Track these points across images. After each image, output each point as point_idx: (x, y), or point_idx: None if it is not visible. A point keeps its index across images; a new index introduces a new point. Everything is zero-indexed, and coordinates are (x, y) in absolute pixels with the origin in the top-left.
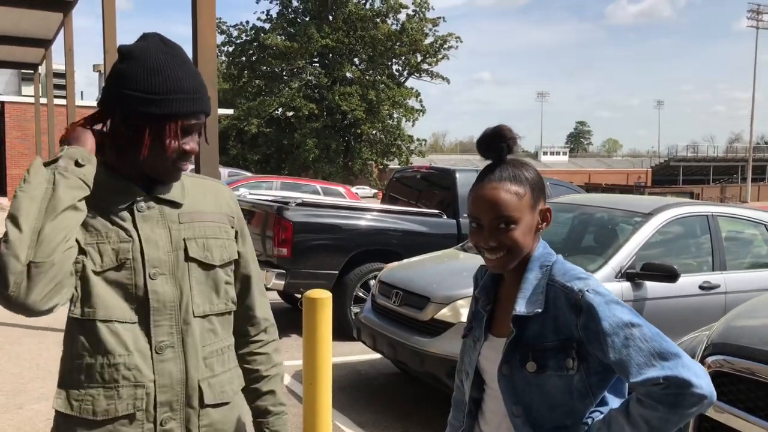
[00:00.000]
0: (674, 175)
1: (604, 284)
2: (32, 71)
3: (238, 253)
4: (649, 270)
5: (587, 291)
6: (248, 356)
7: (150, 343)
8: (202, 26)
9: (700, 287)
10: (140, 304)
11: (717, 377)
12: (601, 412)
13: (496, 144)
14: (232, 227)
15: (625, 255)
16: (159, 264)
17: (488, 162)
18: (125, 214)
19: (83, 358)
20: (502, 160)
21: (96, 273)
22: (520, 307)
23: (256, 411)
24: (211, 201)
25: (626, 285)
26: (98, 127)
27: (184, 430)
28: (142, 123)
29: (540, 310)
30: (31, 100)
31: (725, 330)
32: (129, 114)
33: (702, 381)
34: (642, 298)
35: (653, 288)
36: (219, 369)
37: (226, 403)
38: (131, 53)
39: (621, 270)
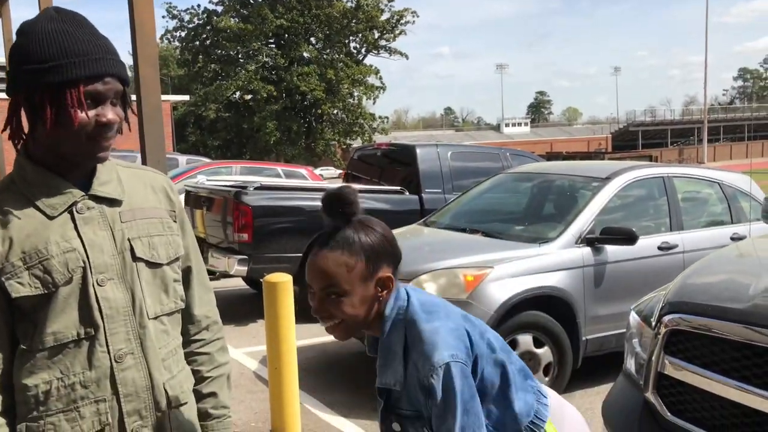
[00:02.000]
0: (633, 139)
1: (565, 250)
2: None
3: (183, 247)
4: (608, 234)
5: (433, 376)
6: (189, 356)
7: (108, 352)
8: (139, 6)
9: (659, 248)
10: (91, 314)
11: (673, 335)
12: None
13: (335, 208)
14: (174, 221)
15: (584, 220)
16: (106, 269)
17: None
18: (64, 218)
19: (36, 388)
20: (340, 225)
21: (47, 295)
22: (381, 378)
23: (198, 413)
24: (150, 195)
25: (587, 250)
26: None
27: None
28: (41, 97)
29: (397, 379)
30: None
31: (680, 288)
32: (31, 92)
33: None
34: (603, 262)
35: (613, 251)
36: (175, 369)
37: (185, 403)
38: (22, 29)
39: (581, 235)
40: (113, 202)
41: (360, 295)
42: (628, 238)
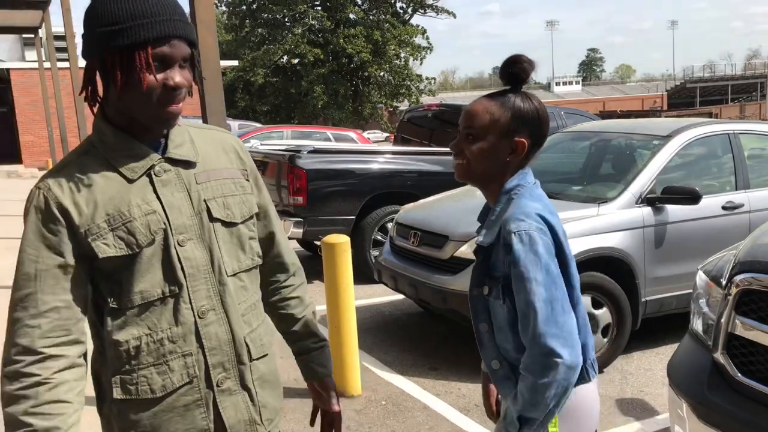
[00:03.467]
0: (691, 97)
1: (624, 210)
2: (33, 35)
3: (257, 205)
4: (670, 193)
5: (515, 234)
6: (281, 302)
7: (192, 309)
8: None
9: (723, 207)
10: (174, 273)
11: (745, 295)
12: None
13: (507, 71)
14: (247, 180)
15: (644, 180)
16: (185, 229)
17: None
18: (143, 181)
19: (128, 343)
20: (508, 87)
21: (131, 256)
22: (481, 238)
23: (297, 350)
24: (222, 155)
25: (647, 210)
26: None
27: (240, 386)
28: (111, 60)
29: (489, 242)
30: (35, 65)
31: (752, 248)
32: (103, 55)
33: (566, 350)
34: (664, 222)
35: (675, 211)
36: (255, 323)
37: (266, 355)
38: None
39: (641, 195)
40: (188, 164)
41: (492, 144)
42: (691, 197)
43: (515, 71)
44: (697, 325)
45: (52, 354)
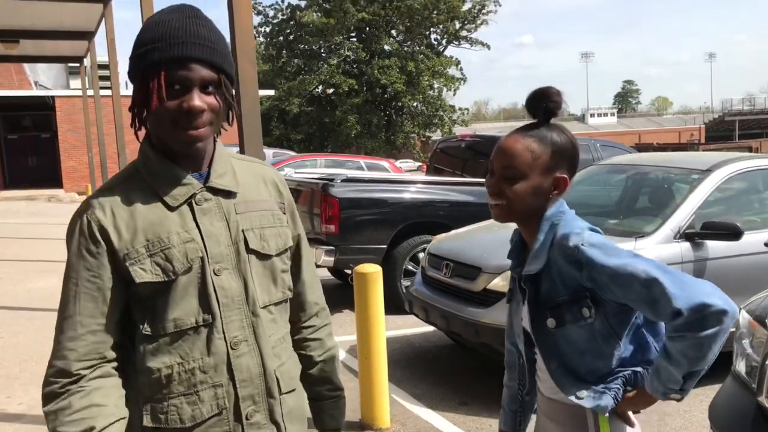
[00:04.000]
0: (729, 130)
1: (662, 245)
2: (78, 64)
3: (292, 238)
4: (709, 229)
5: (582, 245)
6: (301, 342)
7: (225, 339)
8: (237, 4)
9: (766, 244)
10: (209, 302)
11: None
12: (646, 362)
13: (537, 104)
14: (284, 213)
15: (683, 214)
16: (221, 259)
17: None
18: (184, 209)
19: (159, 372)
20: (539, 121)
21: (167, 283)
22: (528, 266)
23: (311, 395)
24: (261, 187)
25: (686, 245)
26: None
27: (269, 420)
28: (134, 83)
29: (540, 267)
30: (79, 92)
31: None
32: (134, 78)
33: (714, 298)
34: (703, 258)
35: (715, 247)
36: (284, 357)
37: (294, 390)
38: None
39: (680, 230)
40: (229, 194)
41: (535, 184)
42: (731, 233)
43: (549, 106)
44: (740, 366)
45: (87, 376)
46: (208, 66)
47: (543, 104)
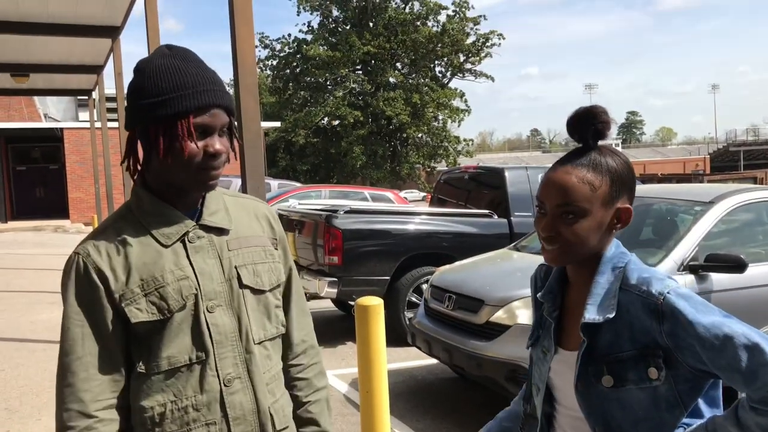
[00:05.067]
0: (734, 160)
1: None
2: (86, 97)
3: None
4: (713, 261)
5: (668, 294)
6: (287, 382)
7: (218, 376)
8: (240, 39)
9: None
10: (202, 339)
11: None
12: (687, 425)
13: (584, 126)
14: (276, 248)
15: (687, 246)
16: (215, 296)
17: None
18: (177, 246)
19: (152, 410)
20: (588, 145)
21: (162, 321)
22: (590, 314)
23: None
24: (254, 223)
25: (690, 278)
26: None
27: None
28: (155, 129)
29: (611, 316)
30: (87, 125)
31: None
32: (146, 126)
33: None
34: (707, 290)
35: (719, 280)
36: (278, 393)
37: (287, 427)
38: (138, 67)
39: (683, 262)
40: (221, 231)
41: (598, 219)
42: (736, 265)
43: (599, 127)
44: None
45: (103, 418)
46: (225, 111)
47: (591, 126)
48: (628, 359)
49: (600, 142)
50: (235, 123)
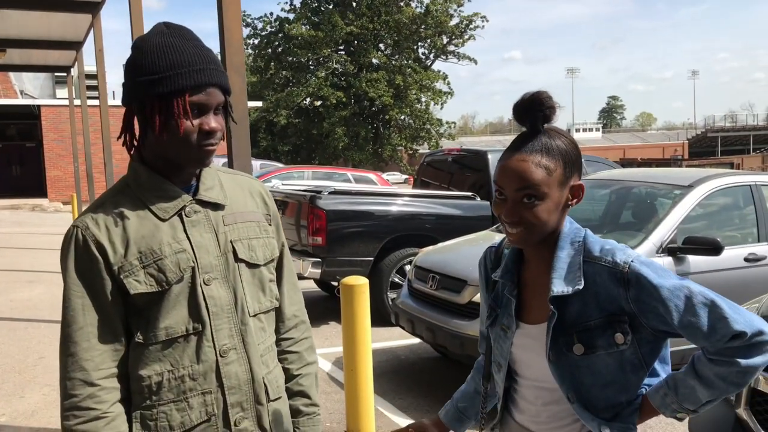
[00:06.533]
0: (712, 146)
1: None
2: (65, 74)
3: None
4: (691, 244)
5: (632, 262)
6: (279, 354)
7: (214, 347)
8: (228, 18)
9: (746, 259)
10: (199, 311)
11: None
12: (648, 385)
13: (532, 112)
14: (270, 224)
15: (665, 229)
16: (211, 269)
17: (523, 130)
18: (175, 220)
19: (150, 379)
20: (537, 130)
21: (160, 293)
22: (558, 287)
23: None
24: (248, 199)
25: (668, 260)
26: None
27: (257, 426)
28: (151, 106)
29: (580, 287)
30: (66, 102)
31: None
32: (143, 102)
33: (766, 325)
34: (685, 272)
35: (696, 262)
36: (272, 365)
37: (281, 397)
38: (136, 44)
39: (662, 245)
40: (217, 207)
41: (555, 200)
42: (712, 248)
43: (546, 113)
44: None
45: (106, 386)
46: (221, 89)
47: (540, 112)
48: (596, 327)
49: (545, 126)
50: (230, 102)
